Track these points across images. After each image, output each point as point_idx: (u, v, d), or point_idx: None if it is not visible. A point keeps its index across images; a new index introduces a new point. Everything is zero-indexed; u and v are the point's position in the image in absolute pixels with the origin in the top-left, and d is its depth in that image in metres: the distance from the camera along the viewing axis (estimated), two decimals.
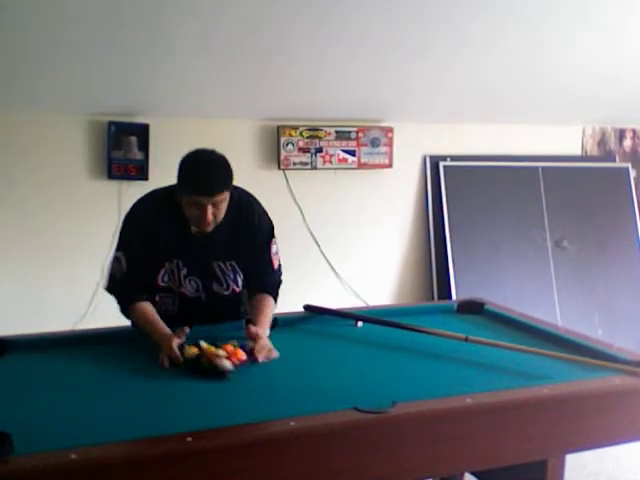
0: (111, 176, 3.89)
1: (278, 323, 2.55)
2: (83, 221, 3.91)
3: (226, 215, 2.30)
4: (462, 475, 2.61)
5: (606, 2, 3.79)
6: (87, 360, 2.20)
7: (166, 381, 2.00)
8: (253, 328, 2.22)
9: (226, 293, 2.43)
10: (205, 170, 2.23)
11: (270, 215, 2.53)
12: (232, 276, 2.41)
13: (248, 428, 1.66)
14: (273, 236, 2.49)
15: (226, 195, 2.25)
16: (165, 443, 1.56)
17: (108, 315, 2.60)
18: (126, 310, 2.37)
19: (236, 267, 2.41)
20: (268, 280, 2.47)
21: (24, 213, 3.82)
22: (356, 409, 1.73)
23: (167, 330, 2.22)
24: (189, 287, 2.39)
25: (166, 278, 2.36)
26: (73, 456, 1.46)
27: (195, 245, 2.36)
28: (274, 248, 2.48)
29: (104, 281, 2.49)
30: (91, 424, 1.69)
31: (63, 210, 3.88)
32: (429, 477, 2.11)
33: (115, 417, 1.75)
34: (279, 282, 2.51)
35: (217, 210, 2.24)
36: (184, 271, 2.36)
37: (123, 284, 2.36)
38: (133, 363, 2.17)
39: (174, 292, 2.39)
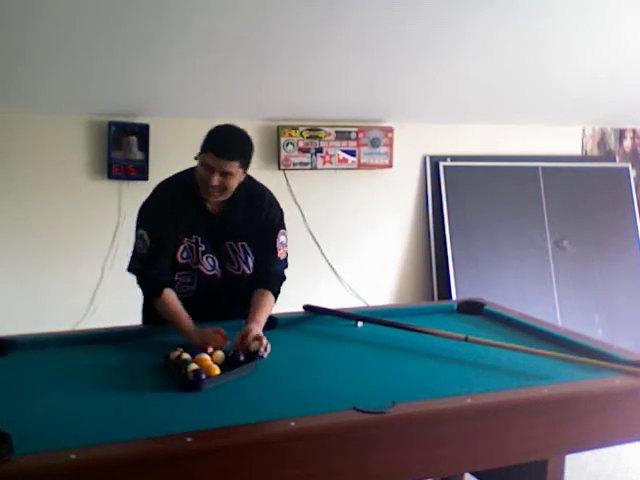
0: (111, 176, 3.89)
1: (278, 323, 2.55)
2: (83, 221, 3.91)
3: (240, 197, 2.40)
4: (462, 475, 2.61)
5: (606, 2, 3.79)
6: (87, 360, 2.20)
7: (166, 381, 2.00)
8: (241, 333, 2.24)
9: (237, 273, 2.48)
10: (225, 134, 2.38)
11: None
12: (243, 257, 2.47)
13: (248, 428, 1.66)
14: (283, 227, 2.54)
15: (236, 169, 2.31)
16: (165, 443, 1.56)
17: (108, 315, 2.61)
18: (150, 291, 2.42)
19: (247, 248, 2.47)
20: (272, 271, 2.50)
21: (24, 213, 3.82)
22: (356, 409, 1.73)
23: (191, 325, 2.29)
24: (206, 264, 2.44)
25: (185, 254, 2.42)
26: (73, 456, 1.46)
27: (211, 223, 2.43)
28: (282, 238, 2.52)
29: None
30: (91, 424, 1.69)
31: (63, 210, 3.88)
32: (429, 477, 2.11)
33: (115, 417, 1.75)
34: (283, 277, 2.55)
35: (225, 181, 2.30)
36: (202, 247, 2.43)
37: (147, 262, 2.40)
38: (133, 363, 2.17)
39: (192, 270, 2.44)
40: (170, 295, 2.39)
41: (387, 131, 4.44)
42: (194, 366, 1.97)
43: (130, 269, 2.48)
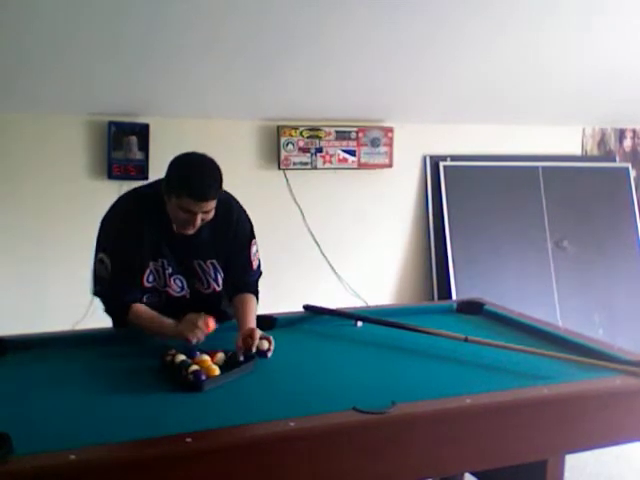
0: (111, 176, 3.89)
1: (278, 323, 2.55)
2: (83, 221, 3.88)
3: None
4: (462, 475, 2.61)
5: (606, 2, 3.78)
6: (87, 360, 2.21)
7: (166, 381, 2.00)
8: (244, 333, 2.20)
9: (207, 292, 2.42)
10: (199, 175, 2.20)
11: (270, 215, 2.55)
12: (213, 275, 2.41)
13: (248, 429, 1.66)
14: (253, 236, 2.48)
15: (214, 203, 2.23)
16: (165, 444, 1.56)
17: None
18: (120, 314, 2.34)
19: (217, 265, 2.41)
20: (249, 281, 2.47)
21: (24, 213, 3.82)
22: (355, 409, 1.72)
23: (172, 322, 2.23)
24: (174, 286, 2.37)
25: (151, 278, 2.34)
26: (72, 457, 1.46)
27: (177, 243, 2.34)
28: (254, 248, 2.48)
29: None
30: (91, 425, 1.69)
31: (63, 210, 3.88)
32: (429, 477, 2.11)
33: (115, 417, 1.75)
34: (258, 280, 2.52)
35: (206, 216, 2.24)
36: (169, 270, 2.35)
37: (111, 286, 2.33)
38: (133, 363, 2.17)
39: (159, 292, 2.38)
40: (140, 306, 2.31)
41: (387, 131, 4.43)
42: (194, 367, 1.97)
43: (96, 293, 2.41)
